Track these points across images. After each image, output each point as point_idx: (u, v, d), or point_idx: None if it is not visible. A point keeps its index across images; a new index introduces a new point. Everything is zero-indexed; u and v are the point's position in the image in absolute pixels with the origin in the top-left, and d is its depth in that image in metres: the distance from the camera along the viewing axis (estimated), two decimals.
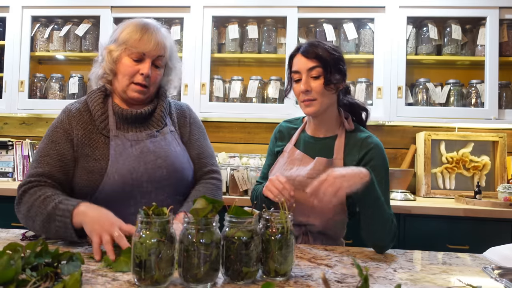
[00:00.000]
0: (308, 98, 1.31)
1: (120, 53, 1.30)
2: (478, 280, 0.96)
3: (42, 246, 0.80)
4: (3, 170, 2.67)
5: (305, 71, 1.30)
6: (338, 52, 1.35)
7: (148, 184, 1.28)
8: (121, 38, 1.31)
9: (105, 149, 1.29)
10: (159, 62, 1.33)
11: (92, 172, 1.26)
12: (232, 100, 2.62)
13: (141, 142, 1.32)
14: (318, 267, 1.01)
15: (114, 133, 1.31)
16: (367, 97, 2.55)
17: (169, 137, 1.37)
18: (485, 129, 2.65)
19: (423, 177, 2.53)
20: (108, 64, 1.32)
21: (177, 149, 1.37)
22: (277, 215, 0.91)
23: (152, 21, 1.36)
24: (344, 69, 1.35)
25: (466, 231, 2.05)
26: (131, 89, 1.32)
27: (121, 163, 1.26)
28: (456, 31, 2.47)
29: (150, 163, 1.29)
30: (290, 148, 1.43)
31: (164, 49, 1.33)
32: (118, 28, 1.35)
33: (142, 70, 1.29)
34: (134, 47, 1.28)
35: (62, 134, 1.30)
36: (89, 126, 1.32)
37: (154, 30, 1.32)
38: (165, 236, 0.82)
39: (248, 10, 2.54)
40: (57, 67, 2.92)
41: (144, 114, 1.34)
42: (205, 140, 1.49)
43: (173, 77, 1.44)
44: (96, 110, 1.32)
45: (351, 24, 2.51)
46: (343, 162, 1.33)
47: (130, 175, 1.26)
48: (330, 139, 1.38)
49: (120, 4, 2.60)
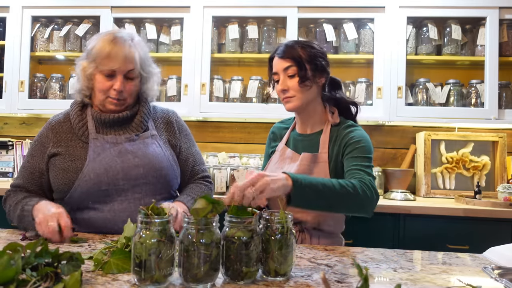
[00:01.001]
0: (287, 96, 1.36)
1: (92, 70, 1.34)
2: (478, 280, 0.96)
3: (42, 246, 0.80)
4: (3, 170, 2.68)
5: (281, 71, 1.36)
6: (316, 48, 1.38)
7: (124, 182, 1.32)
8: (92, 55, 1.34)
9: (82, 152, 1.34)
10: (131, 74, 1.36)
11: (68, 171, 1.32)
12: (232, 100, 2.62)
13: (120, 144, 1.36)
14: (318, 267, 1.01)
15: (93, 136, 1.36)
16: (367, 97, 2.55)
17: (149, 141, 1.40)
18: (485, 129, 2.65)
19: (423, 177, 2.53)
20: (83, 81, 1.37)
21: (156, 150, 1.40)
22: (277, 215, 0.91)
23: (121, 33, 1.36)
24: (322, 64, 1.37)
25: (466, 231, 2.05)
26: (108, 103, 1.37)
27: (98, 162, 1.31)
28: (456, 31, 2.47)
29: (127, 161, 1.33)
30: (281, 147, 1.48)
31: (133, 62, 1.34)
32: (91, 41, 1.38)
33: (114, 86, 1.33)
34: (104, 65, 1.32)
35: (39, 147, 1.39)
36: (68, 135, 1.38)
37: (121, 44, 1.32)
38: (165, 236, 0.82)
39: (248, 10, 2.54)
40: (57, 67, 2.92)
41: (122, 118, 1.38)
42: (194, 147, 1.54)
43: (151, 84, 1.46)
44: (75, 118, 1.39)
45: (351, 24, 2.51)
46: (329, 155, 1.36)
47: (106, 173, 1.31)
48: (316, 134, 1.42)
49: (120, 4, 2.59)
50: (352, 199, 1.17)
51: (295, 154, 1.42)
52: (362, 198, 1.18)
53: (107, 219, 1.30)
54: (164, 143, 1.44)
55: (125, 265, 0.91)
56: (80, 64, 1.38)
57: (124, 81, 1.34)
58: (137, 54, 1.35)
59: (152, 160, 1.36)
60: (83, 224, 1.32)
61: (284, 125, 1.56)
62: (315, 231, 1.38)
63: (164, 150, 1.42)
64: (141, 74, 1.40)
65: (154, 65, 1.47)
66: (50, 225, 1.15)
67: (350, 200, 1.17)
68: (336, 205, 1.17)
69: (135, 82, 1.39)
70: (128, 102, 1.39)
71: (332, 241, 1.41)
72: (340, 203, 1.16)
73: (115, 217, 1.30)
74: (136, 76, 1.38)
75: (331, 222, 1.39)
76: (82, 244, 1.16)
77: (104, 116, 1.37)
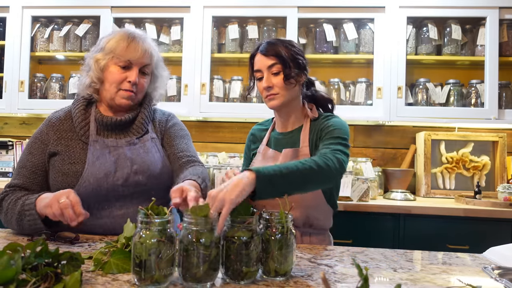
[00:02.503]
0: (271, 93, 1.37)
1: (107, 61, 1.34)
2: (478, 280, 0.96)
3: (42, 246, 0.79)
4: (3, 170, 2.68)
5: (265, 68, 1.37)
6: (296, 47, 1.40)
7: (124, 189, 1.32)
8: (108, 47, 1.34)
9: (82, 154, 1.33)
10: (146, 69, 1.37)
11: (67, 175, 1.30)
12: (232, 100, 2.62)
13: (120, 148, 1.35)
14: (318, 267, 1.01)
15: (93, 138, 1.35)
16: (367, 97, 2.55)
17: (149, 144, 1.40)
18: (485, 129, 2.65)
19: (423, 177, 2.53)
20: (96, 73, 1.35)
21: (156, 155, 1.39)
22: (277, 215, 0.91)
23: (138, 31, 1.39)
24: (303, 62, 1.39)
25: (466, 231, 2.05)
26: (119, 96, 1.35)
27: (97, 167, 1.30)
28: (456, 31, 2.47)
29: (126, 168, 1.32)
30: (262, 148, 1.48)
31: (151, 57, 1.37)
32: (104, 38, 1.38)
33: (129, 77, 1.33)
34: (122, 55, 1.32)
35: (39, 145, 1.36)
36: (68, 134, 1.37)
37: (140, 39, 1.35)
38: (165, 236, 0.82)
39: (248, 10, 2.54)
40: (57, 67, 2.92)
41: (124, 121, 1.38)
42: (189, 141, 1.50)
43: (159, 84, 1.47)
44: (77, 117, 1.37)
45: (351, 24, 2.51)
46: (310, 148, 1.38)
47: (106, 178, 1.30)
48: (296, 131, 1.44)
49: (120, 4, 2.59)
50: (316, 174, 1.13)
51: (277, 153, 1.42)
52: (326, 169, 1.14)
53: (105, 224, 1.29)
54: (163, 146, 1.45)
55: (125, 265, 0.91)
56: (92, 57, 1.36)
57: (138, 75, 1.35)
58: (154, 52, 1.39)
59: (151, 167, 1.35)
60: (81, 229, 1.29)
61: (262, 126, 1.57)
62: (306, 228, 1.39)
63: (163, 155, 1.41)
64: (153, 72, 1.42)
65: (165, 67, 1.49)
66: (62, 202, 1.10)
67: (315, 174, 1.13)
68: (304, 185, 1.13)
69: (147, 80, 1.40)
70: (138, 98, 1.39)
71: (323, 238, 1.42)
72: (307, 181, 1.13)
73: (114, 223, 1.30)
74: (149, 73, 1.39)
75: (320, 217, 1.40)
76: (82, 244, 1.15)
77: (106, 119, 1.36)
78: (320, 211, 1.40)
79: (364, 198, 2.14)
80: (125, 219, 1.27)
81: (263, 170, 1.03)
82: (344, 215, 2.05)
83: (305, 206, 1.37)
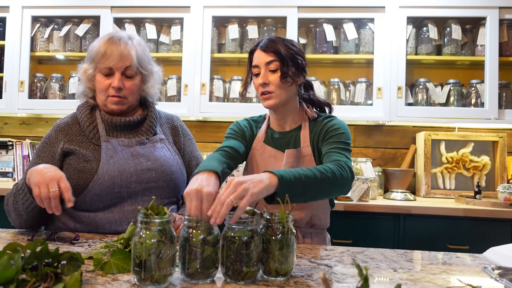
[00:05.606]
0: (266, 90, 1.36)
1: (92, 71, 1.37)
2: (478, 280, 0.96)
3: (42, 246, 0.79)
4: (3, 170, 2.67)
5: (263, 65, 1.36)
6: (297, 47, 1.39)
7: (136, 185, 1.33)
8: (91, 57, 1.37)
9: (96, 153, 1.34)
10: (129, 72, 1.37)
11: (83, 172, 1.31)
12: (232, 100, 2.62)
13: (131, 147, 1.37)
14: (318, 267, 1.01)
15: (104, 139, 1.36)
16: (367, 97, 2.55)
17: (158, 145, 1.42)
18: (485, 129, 2.65)
19: (423, 177, 2.53)
20: (86, 83, 1.40)
21: (166, 154, 1.42)
22: (277, 215, 0.91)
23: (118, 34, 1.39)
24: (302, 63, 1.38)
25: (466, 231, 2.05)
26: (109, 102, 1.37)
27: (111, 165, 1.32)
28: (456, 31, 2.47)
29: (139, 164, 1.34)
30: (260, 145, 1.45)
31: (129, 59, 1.35)
32: (90, 46, 1.41)
33: (112, 83, 1.35)
34: (101, 63, 1.34)
35: (47, 148, 1.37)
36: (78, 137, 1.38)
37: (116, 43, 1.35)
38: (165, 236, 0.82)
39: (248, 10, 2.54)
40: (57, 67, 2.92)
41: (133, 122, 1.40)
42: (197, 151, 1.58)
43: (152, 83, 1.46)
44: (85, 121, 1.39)
45: (351, 24, 2.51)
46: (312, 148, 1.38)
47: (120, 175, 1.31)
48: (295, 131, 1.43)
49: (120, 4, 2.59)
50: (332, 184, 1.14)
51: (278, 152, 1.41)
52: (340, 180, 1.16)
53: (114, 219, 1.30)
54: (172, 147, 1.47)
55: (125, 265, 0.91)
56: (81, 67, 1.41)
57: (123, 79, 1.36)
58: (133, 52, 1.36)
59: (163, 164, 1.38)
60: (89, 222, 1.30)
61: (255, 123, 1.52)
62: (307, 228, 1.40)
63: (173, 154, 1.44)
64: (141, 72, 1.40)
65: (155, 63, 1.47)
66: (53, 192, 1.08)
67: (331, 185, 1.14)
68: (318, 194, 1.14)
69: (135, 81, 1.39)
70: (129, 101, 1.39)
71: (322, 237, 1.44)
72: (322, 190, 1.13)
73: (123, 217, 1.31)
74: (135, 74, 1.38)
75: (321, 216, 1.41)
76: (82, 244, 1.15)
77: (115, 120, 1.38)
78: (322, 210, 1.41)
79: (364, 198, 2.14)
80: (134, 214, 1.29)
81: (286, 175, 1.04)
82: (344, 215, 2.05)
83: (311, 207, 1.38)
